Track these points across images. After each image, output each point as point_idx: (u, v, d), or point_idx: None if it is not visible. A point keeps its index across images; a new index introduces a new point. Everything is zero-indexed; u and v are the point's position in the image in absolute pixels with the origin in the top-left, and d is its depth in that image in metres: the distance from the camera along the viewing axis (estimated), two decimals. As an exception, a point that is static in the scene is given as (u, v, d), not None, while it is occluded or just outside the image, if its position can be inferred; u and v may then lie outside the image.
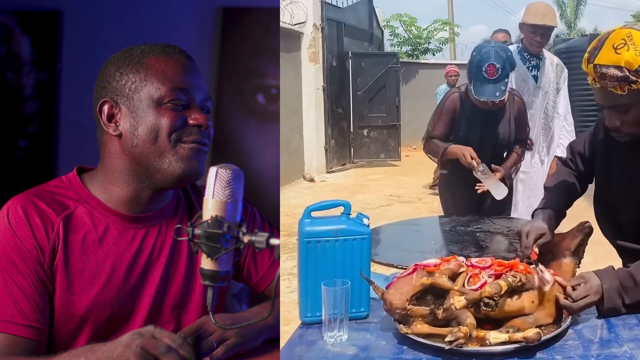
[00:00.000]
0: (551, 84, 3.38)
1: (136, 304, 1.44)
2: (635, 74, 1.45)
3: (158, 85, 1.39)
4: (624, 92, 1.49)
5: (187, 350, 1.20)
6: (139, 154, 1.39)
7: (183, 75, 1.41)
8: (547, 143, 3.49)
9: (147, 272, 1.45)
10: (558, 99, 3.41)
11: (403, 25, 15.23)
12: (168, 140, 1.38)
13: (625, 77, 1.46)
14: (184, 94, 1.40)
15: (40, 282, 1.35)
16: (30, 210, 1.36)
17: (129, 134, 1.39)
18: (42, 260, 1.35)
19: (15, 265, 1.33)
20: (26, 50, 2.46)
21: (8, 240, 1.34)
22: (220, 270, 1.19)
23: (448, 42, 16.49)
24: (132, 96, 1.39)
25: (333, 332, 1.44)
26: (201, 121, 1.40)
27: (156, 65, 1.40)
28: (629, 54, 1.45)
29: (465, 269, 1.48)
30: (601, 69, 1.48)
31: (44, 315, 1.35)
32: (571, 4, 26.17)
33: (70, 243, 1.38)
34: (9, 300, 1.32)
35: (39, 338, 1.33)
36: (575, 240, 1.69)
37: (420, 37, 15.24)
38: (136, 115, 1.39)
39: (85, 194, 1.44)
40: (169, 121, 1.38)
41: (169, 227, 1.49)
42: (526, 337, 1.31)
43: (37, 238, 1.35)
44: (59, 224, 1.38)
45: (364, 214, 1.56)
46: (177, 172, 1.39)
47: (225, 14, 2.43)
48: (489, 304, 1.39)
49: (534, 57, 3.35)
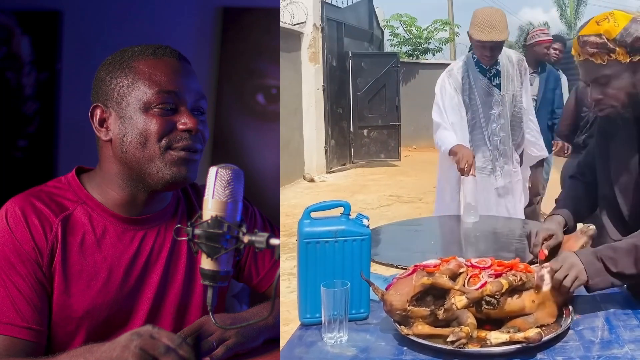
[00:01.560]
0: (515, 85, 3.12)
1: (135, 307, 1.44)
2: (613, 43, 1.55)
3: (145, 90, 1.37)
4: (604, 62, 1.57)
5: (186, 350, 1.20)
6: (129, 159, 1.39)
7: (171, 77, 1.39)
8: (518, 143, 3.30)
9: (146, 274, 1.45)
10: (522, 93, 3.14)
11: (403, 25, 15.22)
12: (158, 146, 1.37)
13: (604, 44, 1.55)
14: (172, 97, 1.38)
15: (39, 284, 1.34)
16: (29, 212, 1.36)
17: (118, 139, 1.39)
18: (40, 261, 1.35)
19: (14, 267, 1.33)
20: (26, 50, 2.45)
21: (6, 241, 1.34)
22: (220, 270, 1.19)
23: (448, 42, 16.48)
24: (121, 101, 1.38)
25: (333, 333, 1.43)
26: (190, 126, 1.38)
27: (144, 69, 1.39)
28: (609, 25, 1.56)
29: (465, 269, 1.47)
30: (582, 38, 1.59)
31: (43, 316, 1.35)
32: (571, 4, 26.17)
33: (69, 244, 1.38)
34: (8, 302, 1.31)
35: (37, 340, 1.33)
36: (579, 242, 1.68)
37: (420, 37, 15.22)
38: (124, 121, 1.38)
39: (84, 195, 1.43)
40: (157, 126, 1.36)
41: (168, 229, 1.49)
42: (527, 337, 1.31)
43: (36, 239, 1.35)
44: (57, 225, 1.37)
45: (364, 215, 1.56)
46: (166, 178, 1.39)
47: (225, 14, 2.43)
48: (491, 302, 1.39)
49: (492, 66, 3.05)
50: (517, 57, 3.19)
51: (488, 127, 3.04)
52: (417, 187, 8.31)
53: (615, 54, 1.55)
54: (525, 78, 3.19)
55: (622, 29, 1.55)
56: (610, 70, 1.58)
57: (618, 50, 1.55)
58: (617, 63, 1.57)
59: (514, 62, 3.13)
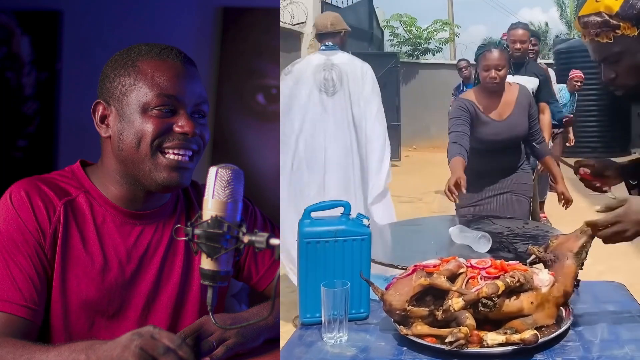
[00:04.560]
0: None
1: (129, 300, 1.44)
2: (616, 18, 1.44)
3: (146, 91, 1.38)
4: (611, 40, 1.47)
5: (186, 351, 1.20)
6: (124, 157, 1.40)
7: (173, 81, 1.39)
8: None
9: (141, 269, 1.45)
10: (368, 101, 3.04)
11: (403, 26, 15.21)
12: (150, 147, 1.37)
13: (606, 22, 1.45)
14: (172, 100, 1.38)
15: (40, 264, 1.36)
16: (33, 194, 1.38)
17: (116, 137, 1.40)
18: (42, 242, 1.37)
19: (17, 246, 1.35)
20: (26, 50, 2.46)
21: (11, 221, 1.36)
22: (220, 270, 1.19)
23: (448, 42, 16.47)
24: (122, 99, 1.39)
25: (333, 333, 1.43)
26: (187, 129, 1.38)
27: (147, 69, 1.39)
28: (609, 0, 1.45)
29: (464, 269, 1.47)
30: (583, 19, 1.49)
31: (41, 297, 1.36)
32: (571, 4, 26.14)
33: (70, 228, 1.40)
34: (8, 280, 1.33)
35: (34, 319, 1.34)
36: (578, 241, 1.67)
37: (420, 37, 15.21)
38: (123, 119, 1.39)
39: (87, 185, 1.45)
40: (153, 128, 1.37)
41: (167, 226, 1.49)
42: (523, 339, 1.31)
43: (39, 220, 1.36)
44: (60, 208, 1.39)
45: (364, 215, 1.56)
46: (157, 180, 1.39)
47: (225, 14, 2.43)
48: (487, 305, 1.39)
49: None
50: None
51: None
52: (417, 187, 8.30)
53: (620, 29, 1.45)
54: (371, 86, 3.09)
55: (623, 1, 1.44)
56: (619, 47, 1.48)
57: (623, 25, 1.44)
58: (624, 38, 1.46)
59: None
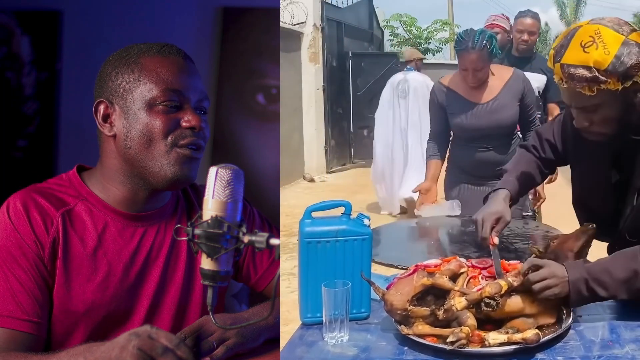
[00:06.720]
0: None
1: (134, 303, 1.44)
2: (604, 74, 1.38)
3: (151, 86, 1.38)
4: (593, 93, 1.41)
5: (184, 351, 1.20)
6: (132, 155, 1.40)
7: (177, 76, 1.40)
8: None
9: (146, 271, 1.45)
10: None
11: (403, 26, 15.20)
12: (164, 143, 1.37)
13: (595, 78, 1.38)
14: (177, 95, 1.39)
15: (40, 277, 1.35)
16: (30, 206, 1.37)
17: (122, 135, 1.40)
18: (41, 254, 1.36)
19: (16, 260, 1.34)
20: (26, 50, 2.46)
21: (8, 235, 1.35)
22: (220, 270, 1.19)
23: (448, 42, 16.46)
24: (126, 96, 1.39)
25: (334, 333, 1.43)
26: (194, 123, 1.39)
27: (151, 66, 1.40)
28: (598, 53, 1.37)
29: (466, 269, 1.48)
30: (569, 69, 1.41)
31: (43, 309, 1.35)
32: (571, 4, 26.18)
33: (70, 238, 1.39)
34: (9, 295, 1.32)
35: (38, 332, 1.34)
36: (578, 242, 1.67)
37: (420, 38, 15.21)
38: (129, 117, 1.39)
39: (85, 192, 1.44)
40: (161, 123, 1.37)
41: (168, 227, 1.49)
42: (525, 339, 1.31)
43: (37, 233, 1.36)
44: (58, 219, 1.38)
45: (365, 215, 1.56)
46: (168, 176, 1.39)
47: (225, 14, 2.43)
48: (490, 304, 1.39)
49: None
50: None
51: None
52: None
53: (606, 84, 1.39)
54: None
55: (614, 57, 1.37)
56: (599, 99, 1.42)
57: (610, 80, 1.39)
58: (607, 91, 1.40)
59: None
